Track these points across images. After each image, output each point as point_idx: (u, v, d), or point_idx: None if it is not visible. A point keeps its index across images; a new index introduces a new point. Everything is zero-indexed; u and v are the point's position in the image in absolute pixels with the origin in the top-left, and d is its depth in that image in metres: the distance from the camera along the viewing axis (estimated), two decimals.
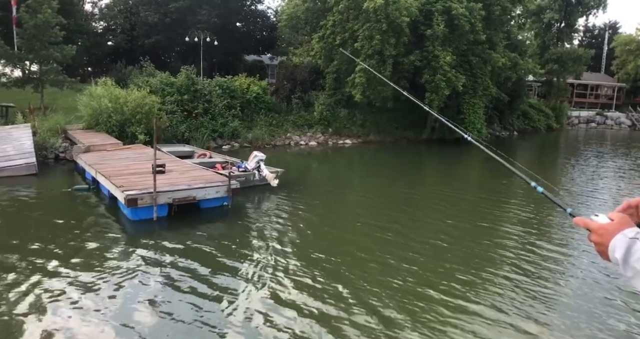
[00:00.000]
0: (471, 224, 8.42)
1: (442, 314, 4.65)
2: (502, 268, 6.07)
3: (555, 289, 5.44)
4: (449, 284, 5.39)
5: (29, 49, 17.95)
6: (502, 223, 8.52)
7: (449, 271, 5.87)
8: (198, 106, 17.45)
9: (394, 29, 18.67)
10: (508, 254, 6.57)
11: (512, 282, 5.57)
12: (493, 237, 7.55)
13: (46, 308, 4.53)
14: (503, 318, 4.62)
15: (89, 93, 14.93)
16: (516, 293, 5.24)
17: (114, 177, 8.21)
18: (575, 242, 7.38)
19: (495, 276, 5.74)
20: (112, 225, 7.37)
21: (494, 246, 7.05)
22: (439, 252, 6.64)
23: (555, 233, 7.93)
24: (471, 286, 5.38)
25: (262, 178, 10.00)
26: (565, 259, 6.59)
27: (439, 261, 6.26)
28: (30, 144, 11.92)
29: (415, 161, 18.29)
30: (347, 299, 4.95)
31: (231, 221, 7.98)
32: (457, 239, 7.24)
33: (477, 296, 5.10)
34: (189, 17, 29.02)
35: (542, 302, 5.04)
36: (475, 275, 5.74)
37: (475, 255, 6.58)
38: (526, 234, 7.68)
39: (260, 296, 4.99)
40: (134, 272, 5.46)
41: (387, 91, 19.80)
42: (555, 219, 8.75)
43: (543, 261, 6.35)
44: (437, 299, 4.99)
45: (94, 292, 4.90)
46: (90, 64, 35.43)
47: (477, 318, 4.59)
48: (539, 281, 5.63)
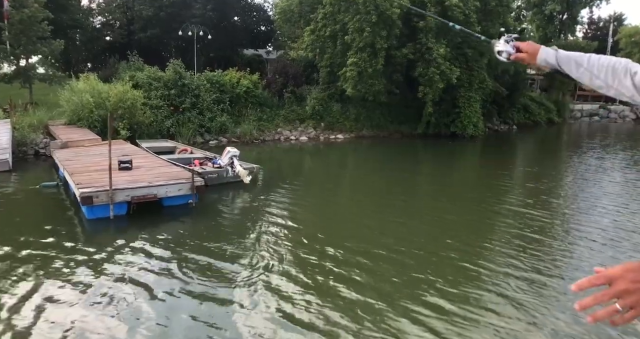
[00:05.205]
0: (469, 217, 8.35)
1: (439, 313, 4.55)
2: (501, 262, 6.00)
3: (559, 283, 5.39)
4: (446, 284, 5.26)
5: (17, 44, 17.83)
6: (502, 218, 8.34)
7: (446, 270, 5.70)
8: (185, 100, 17.20)
9: (385, 21, 18.26)
10: (508, 250, 6.43)
11: (513, 276, 5.53)
12: (492, 232, 7.54)
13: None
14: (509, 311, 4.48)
15: (70, 88, 14.73)
16: (519, 287, 5.16)
17: (76, 174, 8.01)
18: (578, 234, 7.27)
19: (495, 268, 5.65)
20: (68, 223, 7.17)
21: (492, 240, 7.01)
22: (434, 254, 6.40)
23: (559, 225, 7.88)
24: (470, 284, 5.28)
25: (235, 174, 9.75)
26: (568, 253, 6.49)
27: (434, 262, 6.06)
28: (7, 140, 11.77)
29: (410, 156, 17.95)
30: (308, 299, 4.71)
31: (194, 219, 7.75)
32: (455, 238, 6.99)
33: (477, 290, 5.03)
34: (183, 11, 28.78)
35: (545, 298, 5.00)
36: (473, 271, 5.67)
37: (472, 252, 6.42)
38: (525, 227, 7.58)
39: (215, 296, 4.79)
40: (74, 273, 5.25)
41: (380, 85, 19.43)
42: (558, 210, 8.73)
43: (545, 255, 6.23)
44: (430, 299, 4.74)
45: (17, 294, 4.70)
46: (88, 59, 35.41)
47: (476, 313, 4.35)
48: (542, 276, 5.55)
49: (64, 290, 4.86)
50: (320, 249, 6.31)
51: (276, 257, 6.00)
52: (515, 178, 13.56)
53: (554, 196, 10.58)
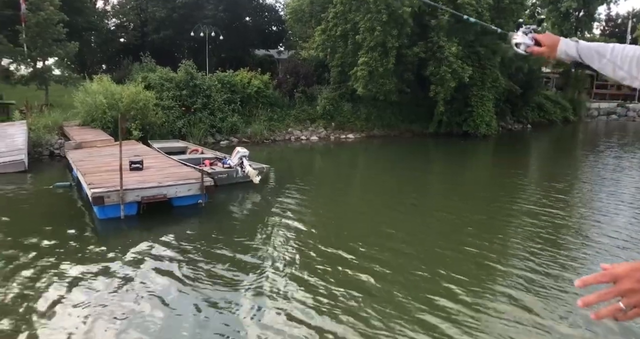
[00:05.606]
0: (483, 216, 8.27)
1: (452, 313, 4.49)
2: (516, 261, 5.95)
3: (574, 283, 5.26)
4: (460, 284, 5.19)
5: (34, 47, 18.14)
6: (517, 217, 8.23)
7: (459, 270, 5.62)
8: (197, 101, 17.32)
9: (396, 20, 18.14)
10: (523, 249, 6.30)
11: (527, 276, 5.47)
12: (506, 231, 7.47)
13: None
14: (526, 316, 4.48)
15: (84, 89, 14.94)
16: (533, 286, 5.14)
17: (88, 174, 8.11)
18: (594, 234, 7.16)
19: (510, 268, 5.62)
20: (80, 223, 7.25)
21: (507, 239, 6.97)
22: (447, 253, 6.34)
23: (575, 225, 7.77)
24: (488, 282, 5.28)
25: (245, 175, 9.77)
26: (584, 253, 6.42)
27: (447, 261, 5.98)
28: (23, 141, 11.98)
29: (421, 155, 17.80)
30: (326, 297, 4.70)
31: (204, 219, 7.78)
32: (469, 238, 6.90)
33: (493, 291, 5.02)
34: (195, 12, 28.95)
35: (559, 298, 4.94)
36: (489, 271, 5.58)
37: (487, 250, 6.35)
38: (540, 226, 7.49)
39: (226, 296, 4.79)
40: (84, 272, 5.31)
41: (391, 84, 19.31)
42: (574, 209, 8.68)
43: (560, 255, 6.10)
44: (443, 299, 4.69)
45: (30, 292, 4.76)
46: (103, 60, 35.89)
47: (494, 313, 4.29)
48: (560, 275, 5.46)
49: (74, 288, 4.92)
50: (331, 250, 6.27)
51: (287, 257, 6.00)
52: (529, 177, 13.36)
53: (569, 195, 10.38)
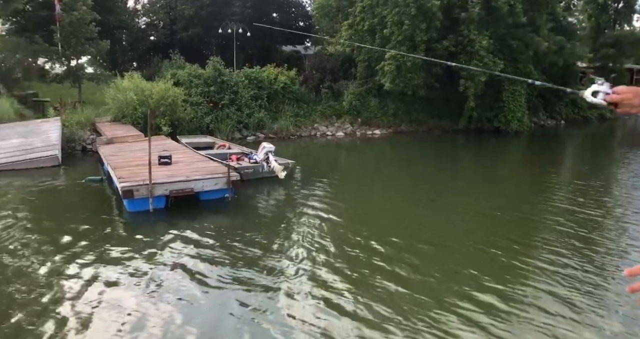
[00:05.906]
0: (515, 214, 7.98)
1: (485, 308, 4.43)
2: (550, 260, 5.71)
3: (611, 283, 5.13)
4: (492, 280, 5.10)
5: (67, 45, 18.69)
6: (551, 215, 7.91)
7: (492, 266, 5.54)
8: (224, 97, 17.47)
9: (425, 13, 17.77)
10: (557, 248, 6.09)
11: (562, 274, 5.31)
12: (540, 229, 7.24)
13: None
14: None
15: (116, 86, 15.27)
16: (569, 286, 5.01)
17: (118, 169, 8.25)
18: (633, 235, 6.88)
19: (544, 266, 5.40)
20: (110, 215, 7.40)
21: (540, 238, 6.71)
22: (479, 250, 6.17)
23: (612, 225, 7.49)
24: (518, 280, 5.12)
25: (270, 170, 9.77)
26: (622, 253, 6.16)
27: (479, 258, 5.83)
28: (56, 136, 12.33)
29: (450, 151, 17.40)
30: (353, 290, 4.67)
31: (230, 213, 7.81)
32: (501, 235, 6.71)
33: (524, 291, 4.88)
34: (223, 9, 29.25)
35: (596, 298, 4.76)
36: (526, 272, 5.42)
37: (520, 248, 6.12)
38: (575, 225, 7.22)
39: (262, 286, 4.88)
40: (121, 262, 5.41)
41: (418, 79, 18.95)
42: (611, 209, 8.43)
43: (597, 254, 5.91)
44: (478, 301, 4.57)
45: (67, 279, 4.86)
46: (134, 58, 36.75)
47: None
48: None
49: (116, 276, 5.08)
50: (361, 243, 6.25)
51: (317, 249, 6.01)
52: (563, 175, 12.87)
53: (606, 194, 9.92)
